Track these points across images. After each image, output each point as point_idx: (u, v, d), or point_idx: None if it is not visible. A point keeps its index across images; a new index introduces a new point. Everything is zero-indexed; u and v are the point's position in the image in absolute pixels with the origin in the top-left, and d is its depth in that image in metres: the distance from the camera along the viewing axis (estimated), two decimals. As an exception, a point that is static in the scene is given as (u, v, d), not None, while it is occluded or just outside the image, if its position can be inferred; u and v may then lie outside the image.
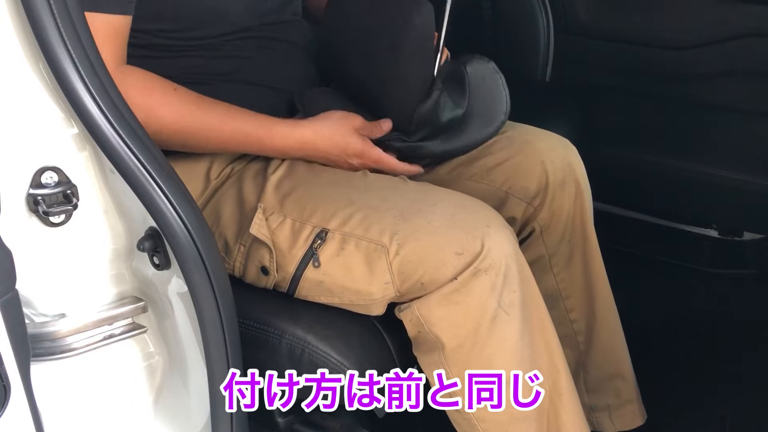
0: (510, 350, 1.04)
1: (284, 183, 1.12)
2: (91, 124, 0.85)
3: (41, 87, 0.85)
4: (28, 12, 0.80)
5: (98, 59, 0.86)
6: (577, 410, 1.13)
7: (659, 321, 1.77)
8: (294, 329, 1.08)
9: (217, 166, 1.17)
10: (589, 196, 1.33)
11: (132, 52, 1.08)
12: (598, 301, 1.37)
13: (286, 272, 1.08)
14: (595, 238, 1.34)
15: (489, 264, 1.01)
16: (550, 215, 1.30)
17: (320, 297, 1.09)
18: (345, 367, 1.06)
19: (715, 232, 1.96)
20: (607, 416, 1.43)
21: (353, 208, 1.06)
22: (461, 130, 1.20)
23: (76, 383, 0.97)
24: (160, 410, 1.06)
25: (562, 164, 1.29)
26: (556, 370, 1.10)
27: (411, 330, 1.06)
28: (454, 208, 1.05)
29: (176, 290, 0.96)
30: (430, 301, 1.03)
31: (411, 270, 1.02)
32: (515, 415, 1.07)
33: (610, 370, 1.41)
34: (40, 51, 0.82)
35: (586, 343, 1.39)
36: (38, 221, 0.88)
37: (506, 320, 1.03)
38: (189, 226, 0.90)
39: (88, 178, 0.90)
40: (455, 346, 1.04)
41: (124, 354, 1.00)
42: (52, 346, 0.93)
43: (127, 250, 0.96)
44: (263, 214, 1.08)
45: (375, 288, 1.04)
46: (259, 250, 1.09)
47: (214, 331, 0.95)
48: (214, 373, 0.98)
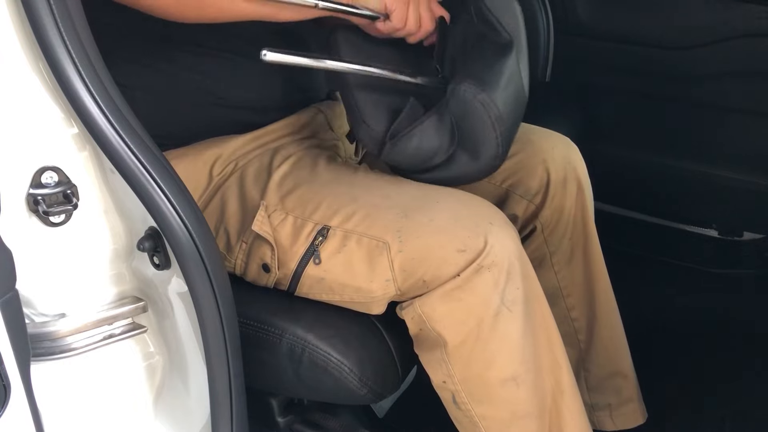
0: (512, 347, 1.04)
1: (287, 180, 1.12)
2: (91, 124, 0.85)
3: (41, 87, 0.85)
4: (28, 12, 0.80)
5: (98, 59, 0.86)
6: (579, 408, 1.13)
7: (659, 321, 1.77)
8: (294, 328, 1.08)
9: (220, 162, 1.17)
10: (590, 195, 1.34)
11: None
12: (599, 300, 1.37)
13: (287, 269, 1.08)
14: (596, 236, 1.35)
15: (492, 261, 1.01)
16: (552, 213, 1.30)
17: (321, 294, 1.09)
18: (345, 367, 1.06)
19: (715, 232, 1.97)
20: (607, 415, 1.43)
21: (355, 205, 1.06)
22: (449, 164, 1.12)
23: (76, 383, 0.97)
24: (160, 410, 1.06)
25: (564, 162, 1.30)
26: (558, 367, 1.10)
27: (413, 328, 1.06)
28: (456, 206, 1.05)
29: (176, 290, 0.96)
30: (433, 298, 1.03)
31: (413, 267, 1.02)
32: (517, 413, 1.07)
33: (610, 369, 1.41)
34: (40, 51, 0.82)
35: (586, 341, 1.40)
36: (38, 221, 0.88)
37: (509, 317, 1.03)
38: (189, 226, 0.90)
39: (88, 178, 0.90)
40: (458, 343, 1.04)
41: (124, 354, 1.00)
42: (52, 346, 0.93)
43: (127, 250, 0.96)
44: (266, 212, 1.08)
45: (375, 285, 1.04)
46: (261, 247, 1.09)
47: (214, 331, 0.95)
48: (214, 373, 0.98)
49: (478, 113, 1.06)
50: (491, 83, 1.06)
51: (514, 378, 1.05)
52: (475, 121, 1.06)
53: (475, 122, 1.07)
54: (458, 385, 1.07)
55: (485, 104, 1.05)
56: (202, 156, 1.16)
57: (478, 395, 1.07)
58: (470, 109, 1.06)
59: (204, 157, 1.16)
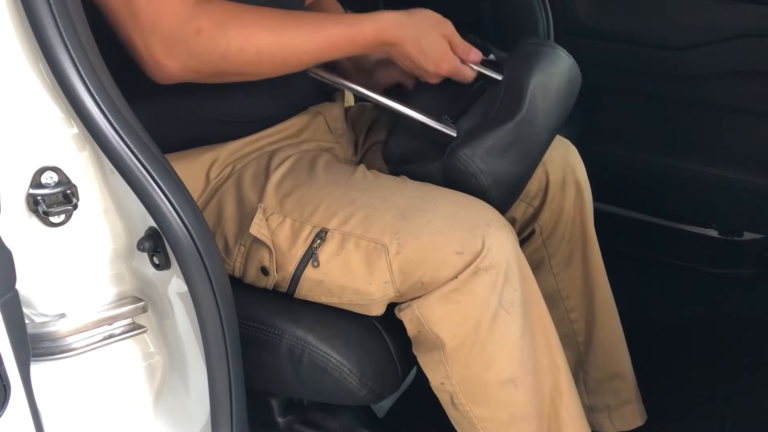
0: (511, 349, 1.04)
1: (284, 183, 1.12)
2: (91, 124, 0.85)
3: (41, 87, 0.85)
4: (28, 12, 0.80)
5: (98, 59, 0.86)
6: (577, 409, 1.13)
7: (659, 321, 1.78)
8: (294, 329, 1.08)
9: (217, 165, 1.16)
10: (589, 197, 1.34)
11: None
12: (598, 302, 1.37)
13: (285, 272, 1.08)
14: (595, 238, 1.35)
15: (490, 263, 1.01)
16: (551, 215, 1.30)
17: (320, 297, 1.09)
18: (345, 367, 1.06)
19: (715, 232, 1.96)
20: (606, 416, 1.43)
21: (353, 207, 1.06)
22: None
23: (76, 383, 0.97)
24: (160, 410, 1.06)
25: (563, 164, 1.30)
26: (556, 369, 1.10)
27: (411, 329, 1.06)
28: (454, 207, 1.05)
29: (176, 290, 0.96)
30: (431, 300, 1.03)
31: (412, 269, 1.02)
32: (515, 414, 1.07)
33: (609, 370, 1.41)
34: (40, 51, 0.82)
35: (585, 343, 1.40)
36: (38, 221, 0.88)
37: (507, 319, 1.03)
38: (189, 226, 0.90)
39: (88, 178, 0.90)
40: (456, 345, 1.04)
41: (124, 354, 1.00)
42: (52, 346, 0.93)
43: (127, 250, 0.96)
44: (263, 215, 1.08)
45: (374, 288, 1.04)
46: (259, 251, 1.09)
47: (214, 331, 0.95)
48: (214, 373, 0.98)
49: (471, 181, 1.08)
50: (490, 151, 1.08)
51: (512, 380, 1.05)
52: (469, 187, 1.09)
53: (469, 188, 1.09)
54: (456, 387, 1.07)
55: (476, 175, 1.07)
56: (199, 159, 1.16)
57: (477, 397, 1.07)
58: (463, 177, 1.08)
59: (201, 160, 1.16)
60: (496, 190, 1.09)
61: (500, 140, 1.08)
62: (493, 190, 1.09)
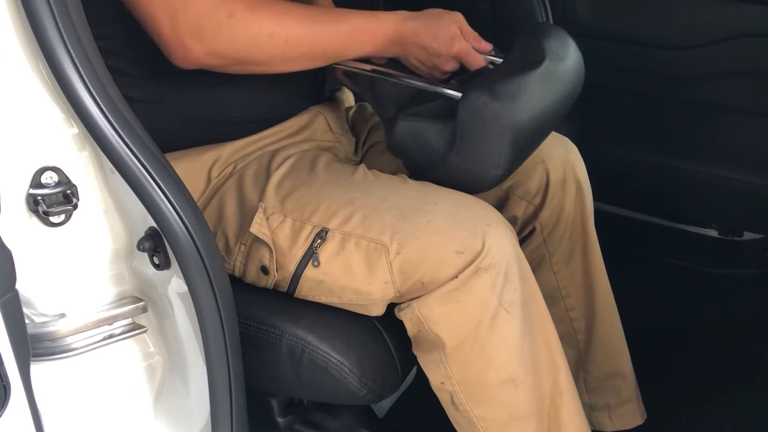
0: (510, 348, 1.04)
1: (285, 182, 1.12)
2: (91, 124, 0.85)
3: (41, 87, 0.85)
4: (28, 12, 0.80)
5: (98, 59, 0.86)
6: (577, 408, 1.13)
7: (659, 321, 1.77)
8: (294, 329, 1.08)
9: (219, 164, 1.17)
10: (589, 195, 1.34)
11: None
12: (598, 300, 1.37)
13: (286, 272, 1.08)
14: (596, 237, 1.35)
15: (490, 263, 1.01)
16: (551, 214, 1.30)
17: (320, 297, 1.09)
18: (345, 367, 1.06)
19: (715, 232, 1.96)
20: (606, 415, 1.43)
21: (353, 207, 1.06)
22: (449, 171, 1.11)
23: (76, 383, 0.97)
24: (160, 410, 1.06)
25: (563, 163, 1.30)
26: (556, 368, 1.10)
27: (411, 329, 1.06)
28: (454, 207, 1.05)
29: (176, 290, 0.96)
30: (431, 299, 1.03)
31: (412, 269, 1.02)
32: (515, 414, 1.07)
33: (609, 369, 1.41)
34: (40, 51, 0.82)
35: (585, 341, 1.40)
36: (38, 221, 0.88)
37: (507, 319, 1.03)
38: (189, 226, 0.90)
39: (88, 178, 0.90)
40: (456, 344, 1.04)
41: (124, 354, 1.00)
42: (52, 346, 0.93)
43: (127, 250, 0.96)
44: (264, 214, 1.08)
45: (374, 287, 1.04)
46: (260, 250, 1.09)
47: (214, 331, 0.95)
48: (214, 373, 0.98)
49: (486, 120, 1.03)
50: (507, 94, 1.04)
51: (512, 379, 1.05)
52: (482, 130, 1.04)
53: (482, 131, 1.04)
54: (456, 387, 1.07)
55: (495, 113, 1.02)
56: (201, 158, 1.16)
57: (477, 396, 1.07)
58: (479, 116, 1.04)
59: (202, 159, 1.16)
60: (510, 137, 1.03)
61: (519, 85, 1.04)
62: (508, 134, 1.03)
